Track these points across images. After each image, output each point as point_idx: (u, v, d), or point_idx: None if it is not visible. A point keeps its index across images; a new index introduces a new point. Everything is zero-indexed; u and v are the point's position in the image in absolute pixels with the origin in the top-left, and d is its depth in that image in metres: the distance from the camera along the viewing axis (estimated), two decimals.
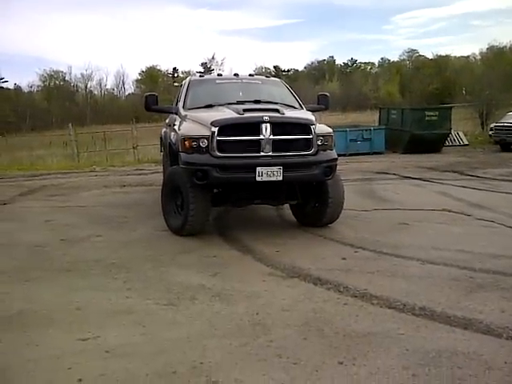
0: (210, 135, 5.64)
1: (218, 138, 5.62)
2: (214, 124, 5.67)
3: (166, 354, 3.20)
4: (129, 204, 8.66)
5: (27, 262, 5.30)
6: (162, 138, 9.09)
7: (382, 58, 68.85)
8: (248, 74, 7.87)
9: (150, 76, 58.87)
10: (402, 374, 2.91)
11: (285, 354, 3.16)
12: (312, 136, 5.80)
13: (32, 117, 42.36)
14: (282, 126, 5.77)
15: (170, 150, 7.06)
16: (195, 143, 5.69)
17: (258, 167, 5.57)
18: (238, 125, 5.76)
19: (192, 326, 3.62)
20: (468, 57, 58.28)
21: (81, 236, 6.35)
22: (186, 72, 56.01)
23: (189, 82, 7.39)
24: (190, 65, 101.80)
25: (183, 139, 5.83)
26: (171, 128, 6.99)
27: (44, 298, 4.26)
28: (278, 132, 5.68)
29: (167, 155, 7.65)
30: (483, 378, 2.85)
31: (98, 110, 48.71)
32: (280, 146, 5.71)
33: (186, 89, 7.20)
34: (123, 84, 59.94)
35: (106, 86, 58.77)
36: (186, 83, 7.42)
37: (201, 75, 8.85)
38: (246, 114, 5.77)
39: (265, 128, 5.62)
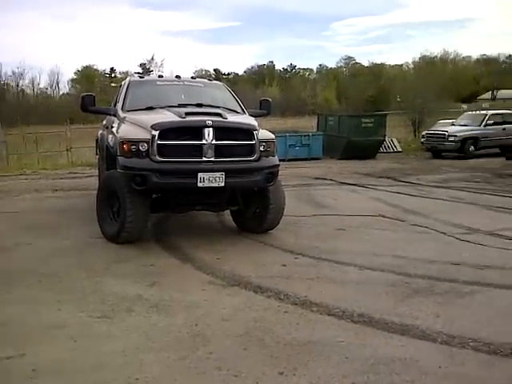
0: (150, 139, 5.47)
1: (159, 141, 5.46)
2: (154, 127, 5.51)
3: (99, 371, 3.04)
4: (61, 209, 8.26)
5: None
6: (98, 140, 8.76)
7: (320, 65, 70.81)
8: (190, 77, 7.75)
9: (86, 76, 57.08)
10: (342, 382, 2.92)
11: (225, 366, 3.09)
12: (255, 142, 5.77)
13: None
14: (225, 131, 5.70)
15: (106, 153, 6.79)
16: (134, 147, 5.50)
17: (199, 173, 5.46)
18: (180, 128, 5.63)
19: (128, 340, 3.46)
20: (402, 65, 60.99)
21: (8, 244, 5.98)
22: (123, 72, 54.87)
23: (128, 83, 7.15)
24: (129, 65, 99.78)
25: (122, 142, 5.62)
26: (109, 130, 6.73)
27: None
28: (220, 137, 5.60)
29: (103, 158, 7.37)
30: (420, 383, 2.90)
31: (31, 109, 46.55)
32: (222, 151, 5.64)
33: (125, 90, 6.95)
34: (57, 83, 57.64)
35: (39, 85, 56.40)
36: (126, 84, 7.17)
37: (140, 76, 8.62)
38: (188, 118, 5.65)
39: (207, 133, 5.52)
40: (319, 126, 19.34)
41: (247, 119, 6.33)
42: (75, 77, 58.94)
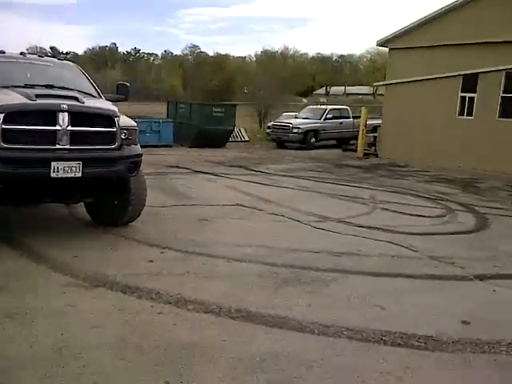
0: None
1: (4, 126, 4.72)
2: None
3: None
4: None
5: None
6: None
7: (165, 51, 69.66)
8: (37, 55, 6.89)
9: None
10: None
11: (102, 382, 2.78)
12: (116, 129, 5.33)
13: None
14: (83, 117, 5.16)
15: None
16: None
17: (53, 162, 4.87)
18: (30, 112, 4.94)
19: None
20: (245, 58, 62.93)
21: None
22: None
23: None
24: None
25: None
26: None
27: None
28: (77, 123, 5.05)
29: None
30: (307, 377, 2.94)
31: None
32: (79, 138, 5.10)
33: None
34: None
35: None
36: None
37: None
38: (39, 101, 4.98)
39: (62, 118, 4.93)
40: (169, 112, 19.00)
41: (106, 104, 5.83)
42: None
